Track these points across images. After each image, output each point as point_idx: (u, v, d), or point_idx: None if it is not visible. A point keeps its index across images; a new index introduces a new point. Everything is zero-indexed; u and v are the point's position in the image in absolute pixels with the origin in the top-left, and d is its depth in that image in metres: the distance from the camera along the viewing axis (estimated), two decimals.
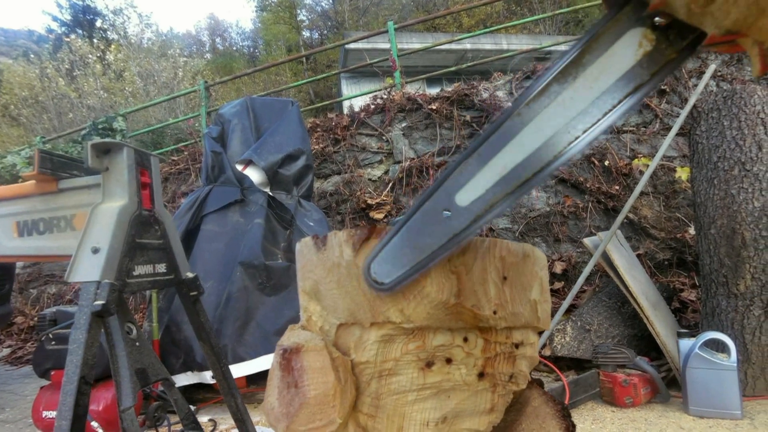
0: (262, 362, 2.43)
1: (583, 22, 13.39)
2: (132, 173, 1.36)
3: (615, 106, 0.46)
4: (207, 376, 2.37)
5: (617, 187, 3.76)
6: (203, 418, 2.24)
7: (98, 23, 17.87)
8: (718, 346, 2.02)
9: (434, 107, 4.29)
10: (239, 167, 3.00)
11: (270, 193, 2.97)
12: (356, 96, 5.64)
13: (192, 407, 2.24)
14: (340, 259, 0.55)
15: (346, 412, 0.52)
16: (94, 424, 1.85)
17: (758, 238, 2.12)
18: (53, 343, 2.02)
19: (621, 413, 2.05)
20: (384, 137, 4.37)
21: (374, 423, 0.55)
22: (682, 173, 3.73)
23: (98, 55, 11.93)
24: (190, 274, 1.56)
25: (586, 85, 0.47)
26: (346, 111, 4.91)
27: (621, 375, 2.14)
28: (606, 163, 3.84)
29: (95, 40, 13.34)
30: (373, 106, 4.56)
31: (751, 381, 2.10)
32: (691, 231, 3.47)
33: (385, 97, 4.59)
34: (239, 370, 2.34)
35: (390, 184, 4.13)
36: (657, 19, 0.43)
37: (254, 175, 2.95)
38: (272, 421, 0.54)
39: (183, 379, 2.40)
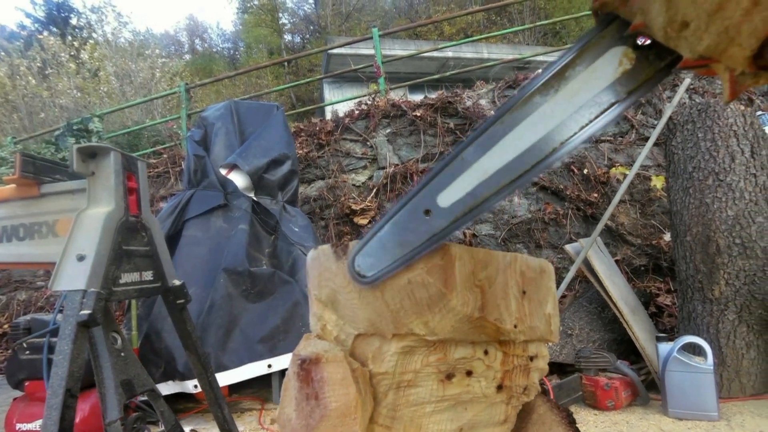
0: (246, 371, 2.38)
1: (560, 34, 13.75)
2: (119, 178, 1.32)
3: (591, 121, 0.48)
4: (189, 386, 2.31)
5: (596, 195, 3.86)
6: (185, 429, 2.18)
7: (73, 21, 17.33)
8: (695, 350, 2.09)
9: (418, 114, 4.32)
10: (223, 171, 2.95)
11: (254, 198, 2.93)
12: (340, 101, 5.63)
13: None
14: None
15: (366, 425, 0.52)
16: None
17: (732, 246, 2.21)
18: (27, 352, 1.93)
19: (603, 416, 2.09)
20: (368, 143, 4.38)
21: None
22: (657, 182, 3.87)
23: (72, 53, 11.56)
24: (177, 282, 1.53)
25: (566, 98, 0.48)
26: (328, 116, 4.89)
27: (603, 379, 2.19)
28: (585, 171, 3.94)
29: (69, 38, 12.92)
30: (357, 112, 4.57)
31: (727, 383, 2.18)
32: (666, 237, 3.59)
33: (370, 103, 4.60)
34: (223, 378, 2.29)
35: (374, 190, 4.13)
36: (640, 38, 0.45)
37: (238, 179, 2.91)
38: None
39: (164, 389, 2.33)
